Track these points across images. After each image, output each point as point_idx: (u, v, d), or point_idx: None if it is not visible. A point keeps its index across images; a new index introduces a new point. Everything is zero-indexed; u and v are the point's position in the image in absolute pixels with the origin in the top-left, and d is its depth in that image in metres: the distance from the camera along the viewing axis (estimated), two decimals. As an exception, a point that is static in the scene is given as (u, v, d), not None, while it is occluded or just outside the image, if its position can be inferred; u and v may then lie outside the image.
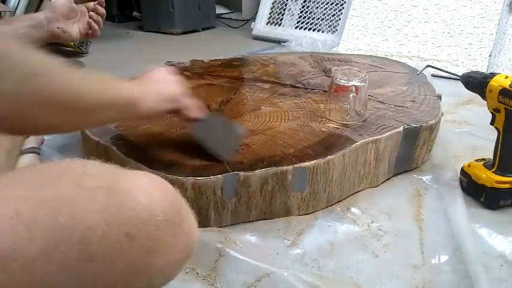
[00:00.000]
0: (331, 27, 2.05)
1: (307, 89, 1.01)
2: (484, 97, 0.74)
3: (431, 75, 1.23)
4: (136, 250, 0.35)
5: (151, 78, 0.62)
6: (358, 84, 0.82)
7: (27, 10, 2.06)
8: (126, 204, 0.35)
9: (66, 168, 0.39)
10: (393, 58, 1.40)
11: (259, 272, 0.60)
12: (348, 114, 0.83)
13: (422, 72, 0.97)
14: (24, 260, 0.31)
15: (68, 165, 0.40)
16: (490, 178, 0.74)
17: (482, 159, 0.79)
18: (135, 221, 0.35)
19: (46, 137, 1.09)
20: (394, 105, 0.91)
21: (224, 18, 2.77)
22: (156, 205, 0.36)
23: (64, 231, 0.33)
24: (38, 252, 0.32)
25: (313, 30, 2.10)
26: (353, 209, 0.75)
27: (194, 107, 0.67)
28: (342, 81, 0.82)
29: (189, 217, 0.41)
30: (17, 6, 2.05)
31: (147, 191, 0.37)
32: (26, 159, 0.82)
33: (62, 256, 0.33)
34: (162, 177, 0.41)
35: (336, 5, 2.08)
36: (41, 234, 0.32)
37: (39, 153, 0.87)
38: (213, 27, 2.57)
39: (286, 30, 2.16)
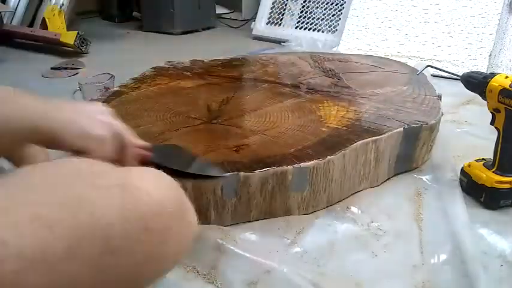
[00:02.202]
0: (331, 27, 2.06)
1: (307, 89, 1.01)
2: (484, 97, 0.75)
3: (431, 75, 1.23)
4: (153, 241, 0.38)
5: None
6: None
7: (27, 10, 2.06)
8: (141, 199, 0.38)
9: (75, 168, 0.41)
10: (393, 58, 1.40)
11: (259, 269, 0.60)
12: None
13: (422, 72, 0.97)
14: (52, 259, 0.33)
15: (76, 165, 0.42)
16: (490, 178, 0.74)
17: (482, 159, 0.79)
18: (151, 214, 0.38)
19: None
20: (394, 105, 0.91)
21: (224, 18, 2.77)
22: (166, 198, 0.40)
23: (86, 229, 0.35)
24: (63, 251, 0.33)
25: (313, 30, 2.10)
26: (353, 209, 0.75)
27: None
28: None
29: (190, 207, 0.44)
30: (17, 6, 2.05)
31: (157, 186, 0.40)
32: None
33: (86, 252, 0.34)
34: None
35: (336, 5, 2.08)
36: (64, 234, 0.34)
37: None
38: (213, 27, 2.57)
39: (286, 30, 2.17)
